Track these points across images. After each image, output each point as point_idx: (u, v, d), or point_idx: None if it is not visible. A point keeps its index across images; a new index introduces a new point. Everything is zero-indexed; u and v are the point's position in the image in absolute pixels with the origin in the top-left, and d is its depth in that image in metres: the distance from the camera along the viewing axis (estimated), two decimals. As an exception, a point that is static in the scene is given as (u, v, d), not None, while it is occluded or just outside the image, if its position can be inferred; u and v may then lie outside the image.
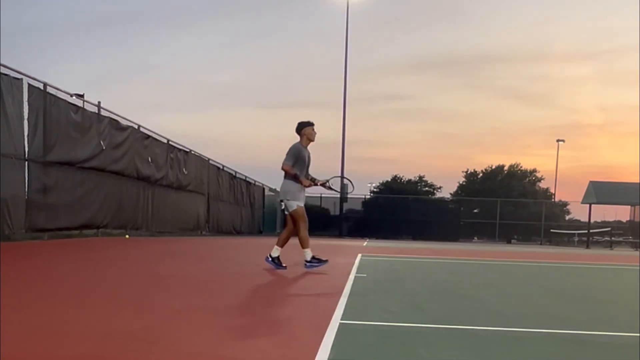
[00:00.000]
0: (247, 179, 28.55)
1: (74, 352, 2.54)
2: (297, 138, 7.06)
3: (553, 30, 67.99)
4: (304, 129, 7.00)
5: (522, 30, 69.19)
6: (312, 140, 7.08)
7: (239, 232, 26.47)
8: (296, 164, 6.90)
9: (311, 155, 7.19)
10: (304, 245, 6.92)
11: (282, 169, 6.93)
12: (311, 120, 7.10)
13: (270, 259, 7.02)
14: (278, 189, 31.00)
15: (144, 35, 69.02)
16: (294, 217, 6.94)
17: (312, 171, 7.27)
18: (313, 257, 6.97)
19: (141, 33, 70.13)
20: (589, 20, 68.99)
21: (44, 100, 10.91)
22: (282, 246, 7.08)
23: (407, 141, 73.03)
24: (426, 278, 7.20)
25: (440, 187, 49.90)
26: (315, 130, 7.08)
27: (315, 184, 7.26)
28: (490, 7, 68.57)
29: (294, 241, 7.09)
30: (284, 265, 6.99)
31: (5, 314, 3.26)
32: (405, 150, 73.72)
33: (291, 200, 6.92)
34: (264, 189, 32.22)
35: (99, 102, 13.31)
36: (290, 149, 6.93)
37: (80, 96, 12.44)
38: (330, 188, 7.47)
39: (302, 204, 6.97)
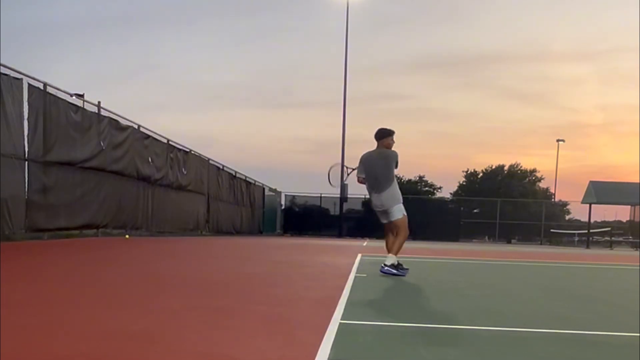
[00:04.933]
0: (247, 179, 28.55)
1: (74, 352, 2.54)
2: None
3: (553, 30, 67.98)
4: (385, 138, 6.86)
5: (522, 30, 69.19)
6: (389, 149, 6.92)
7: (238, 232, 26.47)
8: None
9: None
10: (394, 251, 6.72)
11: (391, 179, 6.81)
12: (392, 129, 6.95)
13: (386, 267, 6.72)
14: (278, 189, 30.45)
15: (145, 35, 68.95)
16: (399, 225, 6.77)
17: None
18: (394, 264, 6.66)
19: (141, 33, 70.06)
20: (589, 20, 68.97)
21: (44, 100, 10.91)
22: (396, 253, 6.86)
23: (407, 141, 72.99)
24: (426, 278, 7.20)
25: (440, 187, 49.92)
26: (394, 139, 6.92)
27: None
28: (490, 7, 68.53)
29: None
30: (405, 267, 6.85)
31: (5, 314, 3.26)
32: (405, 150, 73.57)
33: (399, 205, 6.79)
34: (264, 189, 32.23)
35: (99, 102, 13.33)
36: (395, 157, 6.80)
37: (80, 96, 12.45)
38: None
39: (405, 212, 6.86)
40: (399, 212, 6.73)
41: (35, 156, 10.65)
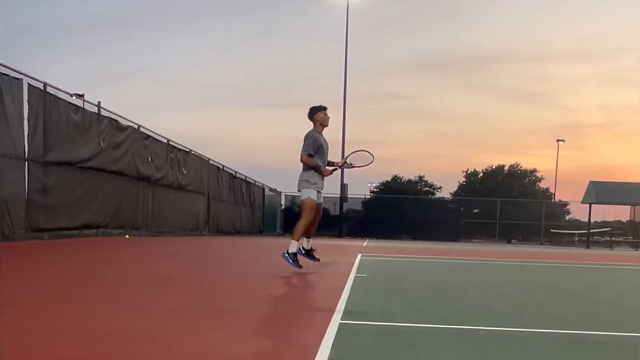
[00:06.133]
0: (247, 179, 28.55)
1: (74, 352, 2.54)
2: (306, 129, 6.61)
3: (553, 30, 67.97)
4: (316, 114, 6.57)
5: (522, 30, 69.21)
6: (326, 125, 6.66)
7: (238, 232, 26.46)
8: (316, 153, 6.48)
9: (327, 141, 6.75)
10: (294, 235, 6.53)
11: (301, 160, 6.46)
12: (323, 104, 6.69)
13: (285, 254, 6.60)
14: (278, 189, 30.38)
15: (144, 35, 69.00)
16: (301, 206, 6.55)
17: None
18: (294, 254, 6.48)
19: (141, 33, 70.11)
20: (589, 20, 68.97)
21: (44, 100, 10.90)
22: (308, 237, 6.81)
23: (407, 141, 73.09)
24: (426, 278, 7.20)
25: (440, 187, 49.93)
26: (328, 114, 6.65)
27: (337, 169, 6.85)
28: (490, 7, 68.57)
29: (320, 242, 7.05)
30: (316, 258, 6.93)
31: (5, 314, 3.26)
32: (405, 150, 73.75)
33: (303, 189, 6.52)
34: (264, 189, 32.21)
35: (99, 102, 13.32)
36: (306, 137, 6.48)
37: (80, 96, 12.44)
38: (352, 166, 6.95)
39: (313, 196, 6.50)
40: (304, 194, 6.53)
41: (35, 156, 10.64)
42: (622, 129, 72.98)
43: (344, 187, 32.60)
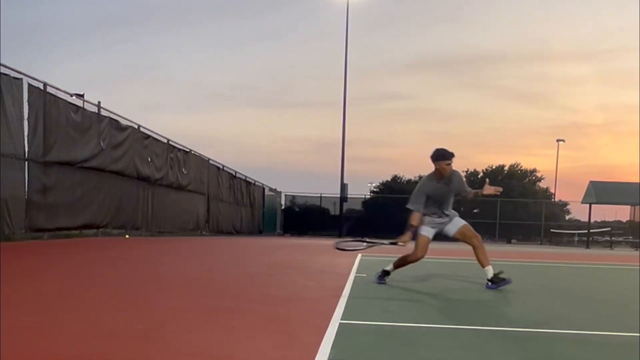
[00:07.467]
0: (247, 179, 28.55)
1: (74, 352, 2.54)
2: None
3: (553, 30, 67.97)
4: (440, 161, 6.16)
5: (522, 30, 69.17)
6: (445, 175, 6.27)
7: (238, 232, 26.46)
8: (428, 200, 6.49)
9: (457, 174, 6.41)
10: (482, 262, 6.42)
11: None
12: (451, 151, 6.18)
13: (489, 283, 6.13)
14: (278, 189, 30.33)
15: (144, 35, 68.94)
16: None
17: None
18: (494, 275, 6.12)
19: (141, 33, 70.06)
20: (589, 20, 68.94)
21: (44, 100, 10.90)
22: (397, 266, 6.58)
23: (407, 141, 73.05)
24: (426, 278, 7.20)
25: (440, 187, 49.87)
26: (451, 165, 6.21)
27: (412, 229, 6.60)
28: (490, 7, 68.54)
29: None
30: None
31: (5, 314, 3.26)
32: (405, 150, 73.76)
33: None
34: (264, 189, 32.21)
35: (99, 102, 13.32)
36: (417, 187, 6.50)
37: (80, 96, 12.45)
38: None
39: (425, 232, 6.62)
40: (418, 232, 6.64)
41: (35, 156, 10.64)
42: (622, 129, 72.98)
43: (344, 187, 32.59)
